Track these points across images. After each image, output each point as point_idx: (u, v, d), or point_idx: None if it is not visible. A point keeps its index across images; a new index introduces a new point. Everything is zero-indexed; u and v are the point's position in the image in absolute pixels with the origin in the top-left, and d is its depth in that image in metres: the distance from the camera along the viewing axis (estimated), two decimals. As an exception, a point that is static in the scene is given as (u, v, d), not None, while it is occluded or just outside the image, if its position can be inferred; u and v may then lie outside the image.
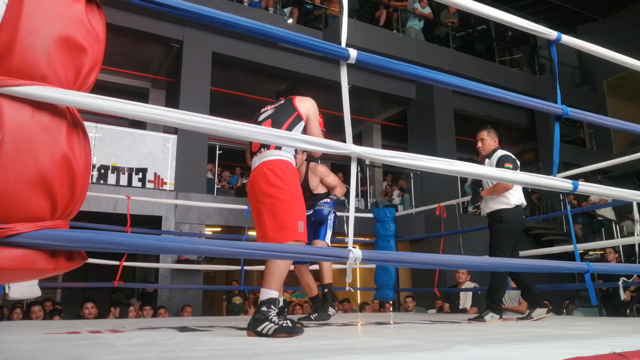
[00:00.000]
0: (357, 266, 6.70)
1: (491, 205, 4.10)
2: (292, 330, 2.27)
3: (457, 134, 10.46)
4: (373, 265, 6.27)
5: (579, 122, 12.78)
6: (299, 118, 2.68)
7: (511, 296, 5.92)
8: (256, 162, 2.63)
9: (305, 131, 2.70)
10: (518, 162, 4.09)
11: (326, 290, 3.92)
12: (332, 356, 1.56)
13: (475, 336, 2.35)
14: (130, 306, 6.21)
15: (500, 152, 4.13)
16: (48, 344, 2.07)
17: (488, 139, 4.30)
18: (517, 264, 2.58)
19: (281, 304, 2.49)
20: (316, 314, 3.79)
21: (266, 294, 2.36)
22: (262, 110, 2.89)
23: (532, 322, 3.64)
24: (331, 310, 3.83)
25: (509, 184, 3.80)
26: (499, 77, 10.52)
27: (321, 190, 4.10)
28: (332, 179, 4.19)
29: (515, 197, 4.00)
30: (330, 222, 4.01)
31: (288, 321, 2.47)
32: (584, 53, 2.68)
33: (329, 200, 4.07)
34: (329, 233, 3.99)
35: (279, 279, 2.39)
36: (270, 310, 2.30)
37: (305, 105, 2.73)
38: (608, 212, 10.18)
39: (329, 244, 3.93)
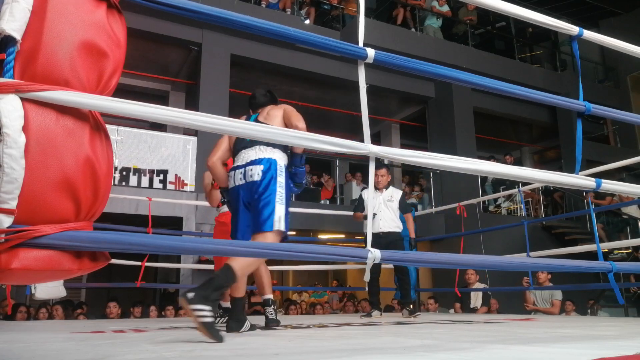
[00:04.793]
0: (377, 266, 6.66)
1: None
2: None
3: (476, 132, 10.35)
4: (392, 265, 6.25)
5: (602, 119, 12.54)
6: None
7: (543, 297, 5.83)
8: None
9: None
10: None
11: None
12: (352, 356, 1.56)
13: (497, 336, 2.32)
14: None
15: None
16: (73, 343, 2.12)
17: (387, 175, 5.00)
18: (540, 263, 2.55)
19: None
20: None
21: None
22: None
23: (544, 323, 3.58)
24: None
25: None
26: (519, 74, 10.38)
27: None
28: None
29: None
30: None
31: None
32: (606, 48, 2.63)
33: None
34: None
35: None
36: None
37: None
38: (634, 210, 9.95)
39: None
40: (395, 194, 5.07)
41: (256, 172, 2.52)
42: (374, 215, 4.84)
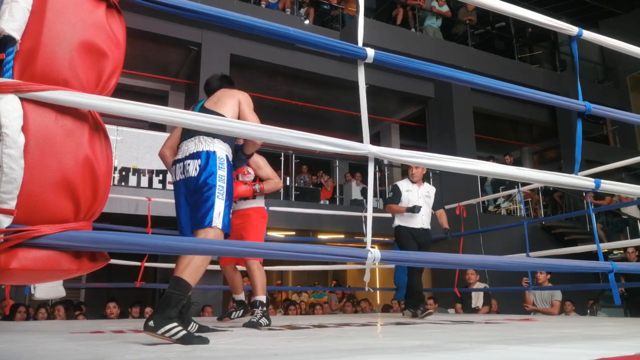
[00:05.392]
0: (376, 266, 6.68)
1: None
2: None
3: (476, 132, 10.35)
4: (392, 266, 6.24)
5: (602, 119, 12.55)
6: None
7: (543, 297, 5.83)
8: None
9: None
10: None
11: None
12: (352, 356, 1.56)
13: (497, 336, 2.32)
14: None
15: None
16: (73, 343, 2.11)
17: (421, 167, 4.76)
18: (539, 263, 2.55)
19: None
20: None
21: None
22: None
23: (543, 323, 3.58)
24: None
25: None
26: (519, 75, 10.38)
27: None
28: None
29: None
30: None
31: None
32: (606, 48, 2.63)
33: None
34: None
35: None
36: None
37: None
38: (633, 211, 9.95)
39: None
40: (431, 190, 4.91)
41: (193, 167, 2.36)
42: (419, 208, 4.60)
